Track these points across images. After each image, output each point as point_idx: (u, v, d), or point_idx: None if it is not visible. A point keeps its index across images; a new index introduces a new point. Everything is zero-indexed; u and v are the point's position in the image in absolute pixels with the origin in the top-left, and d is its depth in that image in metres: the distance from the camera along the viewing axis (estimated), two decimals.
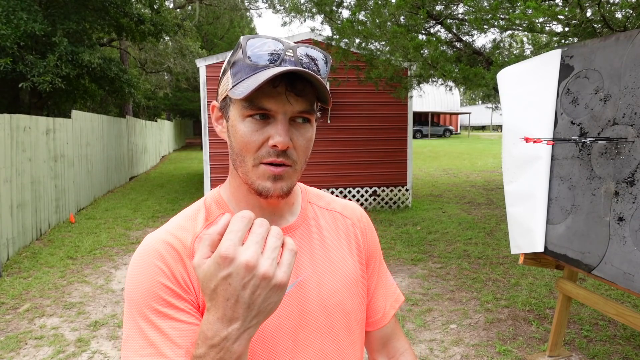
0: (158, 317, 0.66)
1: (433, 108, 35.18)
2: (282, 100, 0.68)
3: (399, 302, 0.96)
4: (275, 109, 0.68)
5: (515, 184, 2.72)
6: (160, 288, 0.68)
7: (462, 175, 13.40)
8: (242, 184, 0.76)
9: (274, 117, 0.69)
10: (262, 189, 0.71)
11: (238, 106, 0.70)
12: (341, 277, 0.82)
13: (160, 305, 0.67)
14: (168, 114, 31.03)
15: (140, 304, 0.67)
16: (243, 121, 0.70)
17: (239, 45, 0.70)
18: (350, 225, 0.89)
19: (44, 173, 6.77)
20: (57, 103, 12.05)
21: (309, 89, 0.69)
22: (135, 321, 0.67)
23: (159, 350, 0.64)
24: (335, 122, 8.10)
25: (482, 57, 5.51)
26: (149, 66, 20.46)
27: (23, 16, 8.27)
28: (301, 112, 0.70)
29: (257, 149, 0.70)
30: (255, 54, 0.68)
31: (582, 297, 2.81)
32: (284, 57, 0.68)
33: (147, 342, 0.65)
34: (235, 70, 0.70)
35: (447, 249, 5.84)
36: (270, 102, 0.68)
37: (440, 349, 3.37)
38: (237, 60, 0.70)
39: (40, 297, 4.36)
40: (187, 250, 0.72)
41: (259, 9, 42.92)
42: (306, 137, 0.72)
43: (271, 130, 0.69)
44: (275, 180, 0.70)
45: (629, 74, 2.17)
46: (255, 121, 0.69)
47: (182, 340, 0.66)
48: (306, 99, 0.70)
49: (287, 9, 7.46)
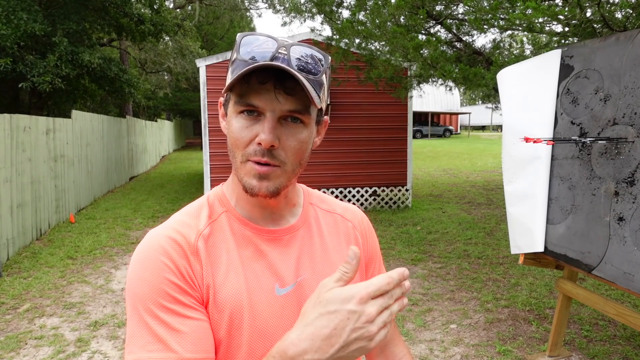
0: (165, 313, 0.66)
1: (433, 108, 35.17)
2: (270, 98, 0.68)
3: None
4: (262, 106, 0.68)
5: (515, 184, 2.72)
6: (166, 284, 0.67)
7: (462, 175, 13.40)
8: (237, 180, 0.76)
9: (263, 115, 0.69)
10: (248, 187, 0.71)
11: (232, 102, 0.72)
12: None
13: (167, 302, 0.67)
14: (168, 114, 31.02)
15: (145, 299, 0.67)
16: (236, 117, 0.71)
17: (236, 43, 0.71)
18: (351, 228, 0.89)
19: (44, 173, 6.77)
20: (57, 103, 12.04)
21: (300, 88, 0.68)
22: (141, 317, 0.66)
23: (168, 345, 0.64)
24: (335, 122, 8.10)
25: (482, 57, 5.51)
26: (149, 66, 20.46)
27: (23, 16, 8.26)
28: (291, 111, 0.69)
29: (245, 145, 0.70)
30: (248, 50, 0.69)
31: (582, 297, 2.81)
32: (276, 55, 0.68)
33: (154, 338, 0.65)
34: (234, 67, 0.71)
35: (447, 249, 5.84)
36: (259, 99, 0.68)
37: (440, 349, 3.37)
38: (235, 57, 0.71)
39: (40, 297, 4.35)
40: (190, 247, 0.72)
41: (259, 9, 42.97)
42: (298, 138, 0.71)
43: (259, 128, 0.69)
44: (260, 179, 0.70)
45: (629, 74, 2.17)
46: (246, 118, 0.70)
47: (191, 336, 0.66)
48: (297, 98, 0.69)
49: (287, 9, 7.47)
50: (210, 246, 0.73)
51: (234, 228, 0.77)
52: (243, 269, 0.74)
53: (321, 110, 0.76)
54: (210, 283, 0.71)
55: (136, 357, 0.64)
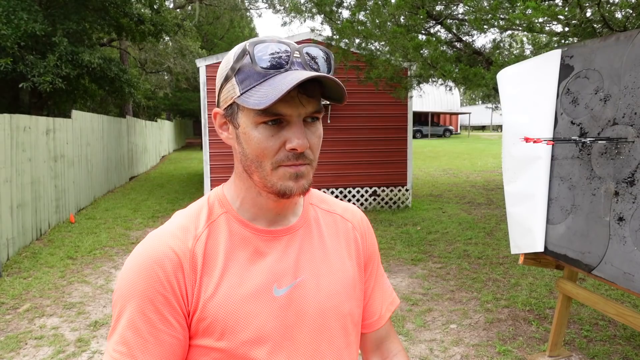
0: (141, 320, 0.68)
1: (433, 108, 35.17)
2: (296, 104, 0.68)
3: (395, 304, 0.98)
4: (290, 113, 0.69)
5: (515, 184, 2.72)
6: (154, 295, 0.69)
7: (462, 175, 13.40)
8: (252, 186, 0.76)
9: (289, 121, 0.69)
10: (286, 189, 0.72)
11: (249, 113, 0.70)
12: (339, 280, 0.82)
13: (148, 311, 0.69)
14: (168, 114, 31.03)
15: (128, 301, 0.69)
16: (256, 128, 0.70)
17: (245, 51, 0.69)
18: (351, 229, 0.90)
19: (44, 173, 6.77)
20: (57, 103, 12.05)
21: (317, 89, 0.71)
22: (120, 316, 0.70)
23: (131, 351, 0.67)
24: (335, 122, 8.10)
25: (482, 57, 5.51)
26: (149, 66, 20.46)
27: (23, 16, 8.26)
28: (313, 112, 0.71)
29: (274, 153, 0.70)
30: (263, 59, 0.68)
31: (582, 297, 2.81)
32: (292, 60, 0.69)
33: (121, 340, 0.68)
34: (242, 77, 0.69)
35: (447, 249, 5.84)
36: (285, 107, 0.68)
37: (440, 349, 3.37)
38: (243, 66, 0.70)
39: (40, 297, 4.36)
40: (188, 254, 0.72)
41: (259, 9, 42.95)
42: (317, 134, 0.74)
43: (287, 134, 0.69)
44: (297, 179, 0.71)
45: (629, 74, 2.17)
46: (269, 127, 0.69)
47: (157, 349, 0.68)
48: (316, 99, 0.71)
49: (287, 9, 7.48)
50: (208, 248, 0.74)
51: (232, 229, 0.77)
52: (240, 270, 0.74)
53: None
54: (206, 286, 0.71)
55: (109, 348, 0.70)
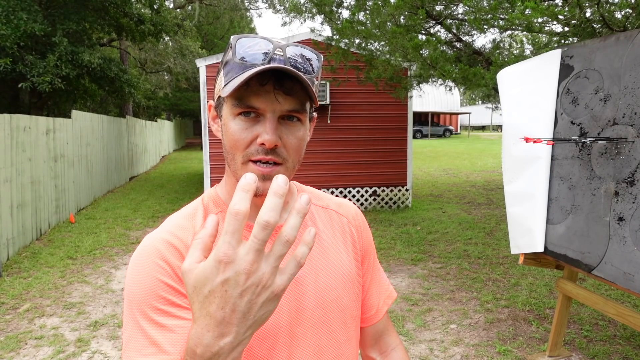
0: (160, 315, 0.67)
1: (433, 108, 35.16)
2: (271, 99, 0.68)
3: (392, 298, 0.98)
4: (263, 107, 0.69)
5: (515, 184, 2.72)
6: (160, 286, 0.69)
7: (462, 175, 13.39)
8: (236, 182, 0.76)
9: (263, 116, 0.70)
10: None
11: (229, 105, 0.71)
12: (337, 274, 0.82)
13: (161, 304, 0.68)
14: (168, 114, 31.02)
15: (141, 303, 0.68)
16: (234, 119, 0.71)
17: (229, 45, 0.71)
18: (346, 223, 0.90)
19: (44, 173, 6.77)
20: (57, 103, 12.05)
21: (298, 87, 0.70)
22: (136, 320, 0.68)
23: (161, 348, 0.65)
24: (335, 122, 8.10)
25: (482, 57, 5.51)
26: (149, 66, 20.45)
27: (23, 16, 8.26)
28: (290, 110, 0.70)
29: (245, 146, 0.70)
30: (244, 53, 0.69)
31: (582, 297, 2.81)
32: (273, 56, 0.69)
33: (149, 341, 0.66)
34: (227, 69, 0.71)
35: (447, 249, 5.84)
36: (259, 101, 0.68)
37: (440, 349, 3.37)
38: (229, 59, 0.71)
39: (40, 297, 4.35)
40: (187, 249, 0.72)
41: (259, 9, 42.98)
42: (297, 135, 0.73)
43: (259, 129, 0.70)
44: (264, 180, 0.70)
45: (629, 74, 2.17)
46: (245, 119, 0.70)
47: (184, 336, 0.66)
48: (296, 97, 0.70)
49: (287, 9, 7.47)
50: None
51: None
52: None
53: (312, 107, 0.78)
54: None
55: (133, 355, 0.65)
